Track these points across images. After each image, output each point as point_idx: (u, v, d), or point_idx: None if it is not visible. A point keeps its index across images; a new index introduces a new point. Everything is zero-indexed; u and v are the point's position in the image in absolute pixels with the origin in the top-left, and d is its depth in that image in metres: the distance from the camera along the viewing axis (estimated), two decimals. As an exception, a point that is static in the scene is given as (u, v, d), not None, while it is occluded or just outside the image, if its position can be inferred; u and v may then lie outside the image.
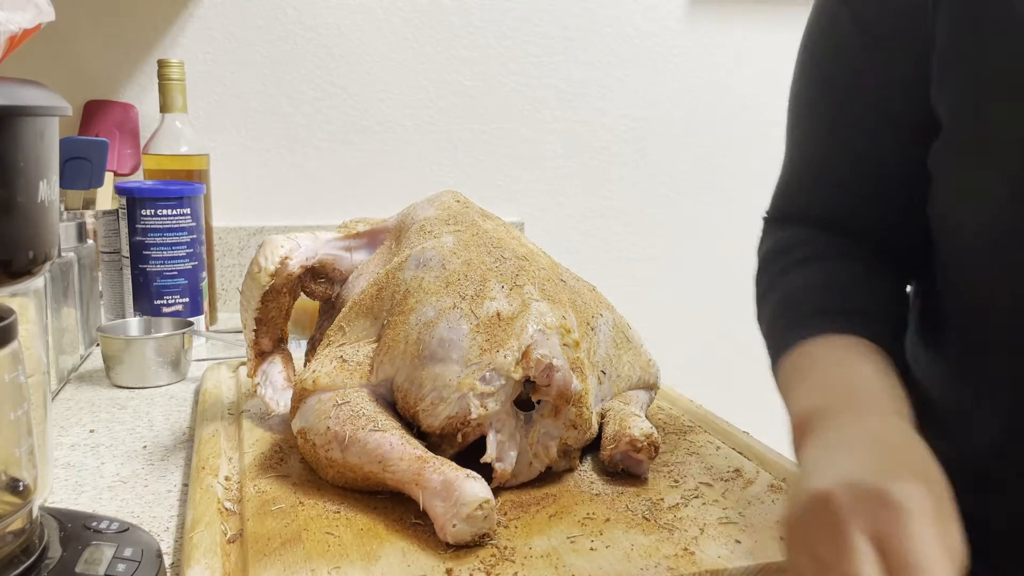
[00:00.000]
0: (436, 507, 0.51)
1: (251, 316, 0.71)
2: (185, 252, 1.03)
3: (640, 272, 1.56)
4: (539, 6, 1.44)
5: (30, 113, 0.41)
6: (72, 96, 1.27)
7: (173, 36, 1.30)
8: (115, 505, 0.62)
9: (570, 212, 1.49)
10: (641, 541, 0.51)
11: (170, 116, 1.12)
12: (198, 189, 1.05)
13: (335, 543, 0.50)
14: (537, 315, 0.58)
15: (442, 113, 1.43)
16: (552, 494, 0.58)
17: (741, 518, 0.54)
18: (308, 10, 1.35)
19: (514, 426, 0.57)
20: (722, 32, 1.52)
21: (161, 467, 0.68)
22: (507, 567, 0.48)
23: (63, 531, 0.47)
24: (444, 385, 0.56)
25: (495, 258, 0.62)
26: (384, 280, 0.64)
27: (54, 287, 0.85)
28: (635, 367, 0.70)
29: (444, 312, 0.58)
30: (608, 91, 1.49)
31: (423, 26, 1.40)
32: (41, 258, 0.43)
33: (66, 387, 0.89)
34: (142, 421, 0.79)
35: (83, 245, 0.98)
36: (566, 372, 0.56)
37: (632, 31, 1.48)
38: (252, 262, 0.69)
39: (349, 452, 0.56)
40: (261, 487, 0.58)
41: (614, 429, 0.61)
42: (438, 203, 0.71)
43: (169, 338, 0.91)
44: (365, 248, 0.73)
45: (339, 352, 0.62)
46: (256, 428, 0.69)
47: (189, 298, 1.04)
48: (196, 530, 0.52)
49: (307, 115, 1.37)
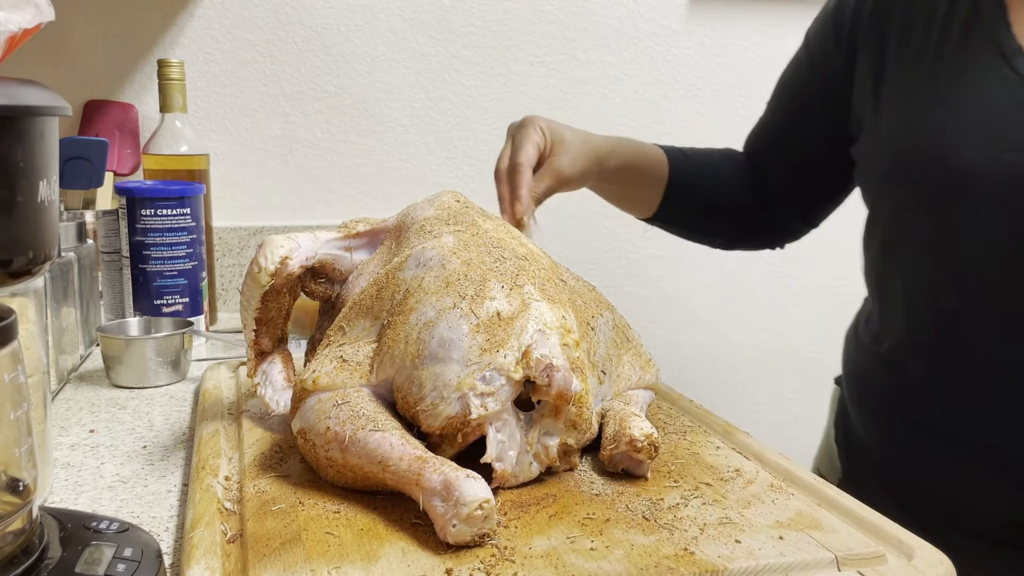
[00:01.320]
0: (436, 507, 0.51)
1: (251, 316, 0.71)
2: (185, 252, 1.03)
3: (640, 272, 1.56)
4: (539, 6, 1.44)
5: (30, 113, 0.41)
6: (72, 96, 1.28)
7: (173, 36, 1.31)
8: (115, 505, 0.62)
9: (570, 212, 1.49)
10: (641, 541, 0.51)
11: (170, 116, 1.12)
12: (198, 189, 1.05)
13: (335, 543, 0.50)
14: (537, 315, 0.58)
15: (442, 113, 1.43)
16: (552, 494, 0.58)
17: (741, 518, 0.54)
18: (308, 10, 1.35)
19: (514, 426, 0.57)
20: (722, 32, 1.52)
21: (161, 467, 0.68)
22: (507, 567, 0.48)
23: (63, 531, 0.47)
24: (444, 385, 0.56)
25: (495, 258, 0.62)
26: (384, 280, 0.64)
27: (54, 287, 0.85)
28: (635, 367, 0.70)
29: (444, 312, 0.58)
30: (608, 91, 1.49)
31: (423, 26, 1.40)
32: (41, 258, 0.43)
33: (66, 387, 0.89)
34: (142, 421, 0.79)
35: (83, 245, 0.98)
36: (566, 372, 0.56)
37: (632, 31, 1.49)
38: (252, 262, 0.69)
39: (349, 452, 0.56)
40: (261, 487, 0.58)
41: (614, 429, 0.61)
42: (438, 203, 0.71)
43: (169, 338, 0.91)
44: (365, 248, 0.73)
45: (339, 352, 0.62)
46: (256, 428, 0.69)
47: (189, 298, 1.04)
48: (196, 530, 0.52)
49: (307, 115, 1.37)
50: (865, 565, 0.50)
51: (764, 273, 1.63)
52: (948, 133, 0.71)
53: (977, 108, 0.71)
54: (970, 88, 0.71)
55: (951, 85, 0.73)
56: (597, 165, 0.86)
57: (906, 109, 0.76)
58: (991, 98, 0.70)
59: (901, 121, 0.76)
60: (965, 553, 0.65)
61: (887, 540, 0.52)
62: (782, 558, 0.49)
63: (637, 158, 0.91)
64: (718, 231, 1.00)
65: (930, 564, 0.50)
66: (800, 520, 0.54)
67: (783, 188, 0.94)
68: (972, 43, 0.72)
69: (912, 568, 0.50)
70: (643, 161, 0.91)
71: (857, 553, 0.50)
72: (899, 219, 0.78)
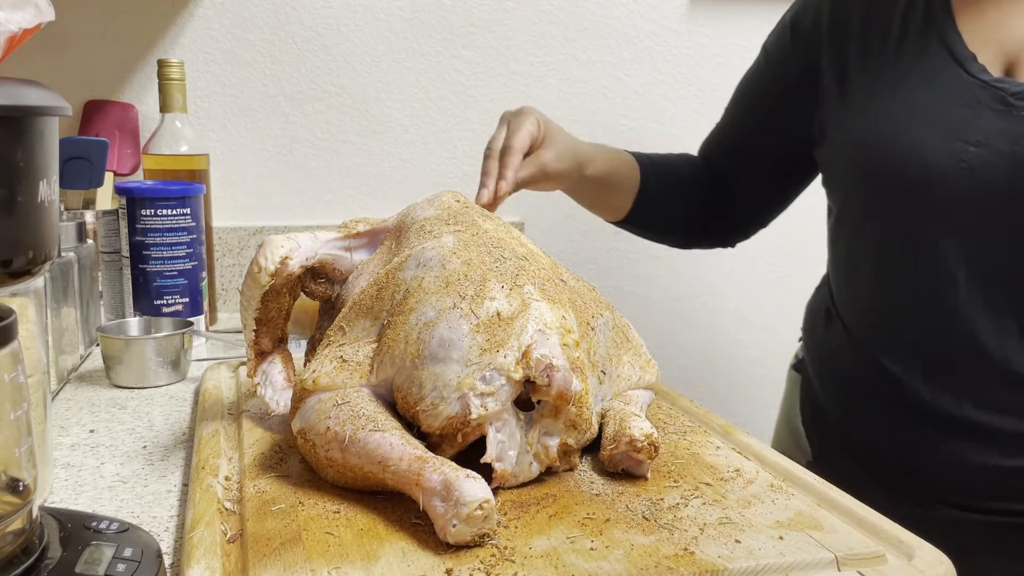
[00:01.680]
0: (436, 507, 0.51)
1: (251, 316, 0.71)
2: (185, 252, 1.03)
3: (640, 272, 1.56)
4: (539, 6, 1.44)
5: (30, 113, 0.41)
6: (72, 96, 1.28)
7: (173, 36, 1.31)
8: (115, 505, 0.62)
9: (570, 212, 1.48)
10: (641, 541, 0.51)
11: (170, 116, 1.12)
12: (198, 189, 1.05)
13: (335, 543, 0.50)
14: (537, 315, 0.58)
15: (442, 113, 1.43)
16: (552, 494, 0.58)
17: (741, 518, 0.54)
18: (308, 10, 1.35)
19: (514, 426, 0.57)
20: (722, 32, 1.52)
21: (161, 467, 0.68)
22: (507, 567, 0.48)
23: (63, 531, 0.47)
24: (444, 385, 0.56)
25: (495, 258, 0.62)
26: (384, 280, 0.64)
27: (54, 287, 0.85)
28: (635, 367, 0.70)
29: (444, 312, 0.58)
30: (608, 91, 1.49)
31: (423, 26, 1.40)
32: (41, 258, 0.43)
33: (66, 387, 0.89)
34: (142, 421, 0.79)
35: (83, 245, 0.98)
36: (566, 372, 0.56)
37: (632, 31, 1.48)
38: (252, 262, 0.69)
39: (349, 452, 0.56)
40: (261, 487, 0.58)
41: (614, 429, 0.61)
42: (438, 203, 0.71)
43: (169, 338, 0.91)
44: (365, 248, 0.73)
45: (339, 352, 0.62)
46: (256, 428, 0.69)
47: (189, 298, 1.04)
48: (196, 530, 0.52)
49: (307, 115, 1.37)
50: (865, 565, 0.50)
51: (764, 273, 1.63)
52: (913, 132, 0.78)
53: (939, 109, 0.77)
54: (930, 91, 0.78)
55: (913, 89, 0.80)
56: (578, 170, 0.91)
57: (872, 112, 0.82)
58: (951, 100, 0.77)
59: (869, 122, 0.82)
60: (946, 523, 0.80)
61: (887, 540, 0.52)
62: (782, 558, 0.49)
63: (614, 168, 0.96)
64: (678, 232, 1.06)
65: (930, 564, 0.50)
66: (800, 520, 0.54)
67: (740, 190, 1.01)
68: (929, 51, 0.80)
69: (912, 568, 0.50)
70: (618, 170, 0.96)
71: (857, 553, 0.50)
72: (867, 213, 0.85)
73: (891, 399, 0.84)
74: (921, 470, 0.83)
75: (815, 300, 0.99)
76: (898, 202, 0.80)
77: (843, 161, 0.86)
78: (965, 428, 0.80)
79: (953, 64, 0.78)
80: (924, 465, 0.82)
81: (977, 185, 0.75)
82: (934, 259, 0.79)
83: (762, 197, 1.02)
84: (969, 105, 0.76)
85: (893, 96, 0.81)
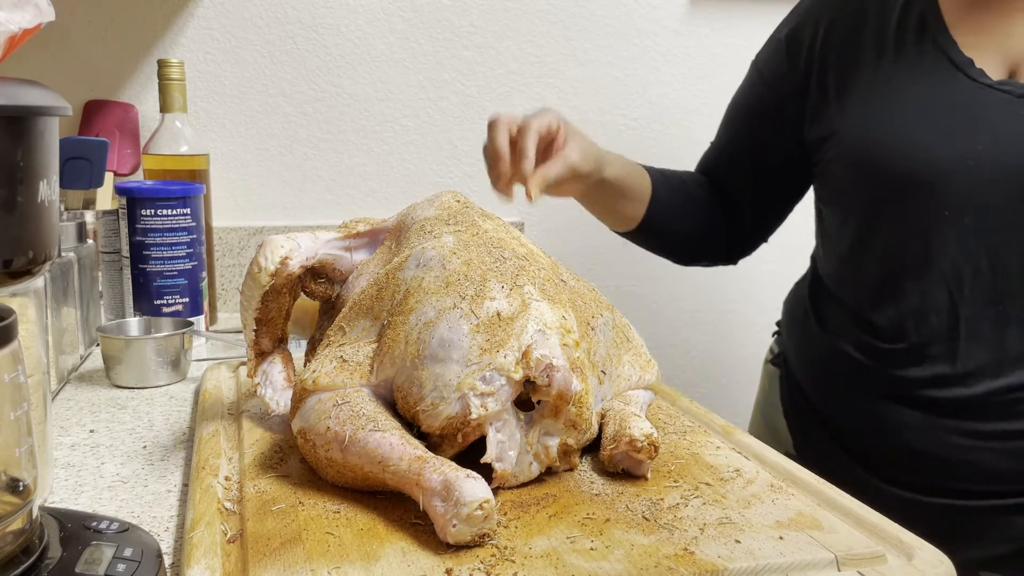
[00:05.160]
0: (436, 507, 0.51)
1: (251, 316, 0.71)
2: (185, 252, 1.03)
3: (640, 272, 1.56)
4: (539, 6, 1.44)
5: (30, 113, 0.41)
6: (72, 96, 1.27)
7: (173, 36, 1.30)
8: (115, 505, 0.62)
9: (570, 212, 1.48)
10: (641, 541, 0.51)
11: (170, 116, 1.12)
12: (198, 189, 1.05)
13: (335, 543, 0.50)
14: (537, 315, 0.58)
15: (442, 113, 1.43)
16: (552, 494, 0.58)
17: (741, 518, 0.54)
18: (308, 10, 1.35)
19: (514, 426, 0.57)
20: (722, 32, 1.52)
21: (161, 467, 0.68)
22: (507, 567, 0.48)
23: (63, 531, 0.47)
24: (444, 385, 0.56)
25: (495, 258, 0.62)
26: (384, 280, 0.64)
27: (54, 287, 0.85)
28: (635, 367, 0.70)
29: (444, 312, 0.58)
30: (608, 91, 1.49)
31: (423, 26, 1.40)
32: (41, 258, 0.43)
33: (66, 387, 0.89)
34: (142, 421, 0.79)
35: (83, 245, 0.98)
36: (566, 372, 0.56)
37: (632, 31, 1.48)
38: (252, 262, 0.69)
39: (349, 452, 0.56)
40: (261, 487, 0.58)
41: (614, 429, 0.61)
42: (438, 203, 0.71)
43: (169, 338, 0.91)
44: (365, 248, 0.73)
45: (339, 352, 0.62)
46: (256, 428, 0.69)
47: (189, 298, 1.04)
48: (196, 530, 0.52)
49: (307, 115, 1.37)
50: (865, 565, 0.50)
51: (764, 273, 1.62)
52: (919, 133, 0.80)
53: (944, 111, 0.80)
54: (933, 94, 0.81)
55: (915, 93, 0.82)
56: (598, 171, 0.89)
57: (876, 116, 0.84)
58: (955, 102, 0.80)
59: (873, 126, 0.84)
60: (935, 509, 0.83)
61: (887, 540, 0.52)
62: (782, 558, 0.49)
63: (628, 173, 0.95)
64: (685, 248, 1.06)
65: (930, 564, 0.50)
66: (800, 520, 0.54)
67: (744, 205, 1.02)
68: (928, 58, 0.82)
69: (912, 568, 0.50)
70: (632, 176, 0.96)
71: (857, 553, 0.50)
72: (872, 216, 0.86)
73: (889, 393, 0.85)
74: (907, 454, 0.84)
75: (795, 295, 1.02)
76: (905, 203, 0.82)
77: (846, 167, 0.87)
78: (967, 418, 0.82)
79: (953, 69, 0.81)
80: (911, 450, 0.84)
81: (985, 184, 0.78)
82: (940, 258, 0.80)
83: (765, 212, 1.03)
84: (974, 107, 0.79)
85: (897, 100, 0.83)
